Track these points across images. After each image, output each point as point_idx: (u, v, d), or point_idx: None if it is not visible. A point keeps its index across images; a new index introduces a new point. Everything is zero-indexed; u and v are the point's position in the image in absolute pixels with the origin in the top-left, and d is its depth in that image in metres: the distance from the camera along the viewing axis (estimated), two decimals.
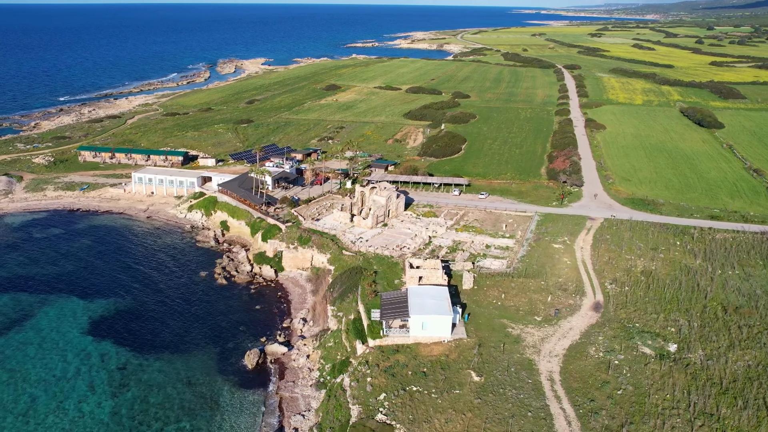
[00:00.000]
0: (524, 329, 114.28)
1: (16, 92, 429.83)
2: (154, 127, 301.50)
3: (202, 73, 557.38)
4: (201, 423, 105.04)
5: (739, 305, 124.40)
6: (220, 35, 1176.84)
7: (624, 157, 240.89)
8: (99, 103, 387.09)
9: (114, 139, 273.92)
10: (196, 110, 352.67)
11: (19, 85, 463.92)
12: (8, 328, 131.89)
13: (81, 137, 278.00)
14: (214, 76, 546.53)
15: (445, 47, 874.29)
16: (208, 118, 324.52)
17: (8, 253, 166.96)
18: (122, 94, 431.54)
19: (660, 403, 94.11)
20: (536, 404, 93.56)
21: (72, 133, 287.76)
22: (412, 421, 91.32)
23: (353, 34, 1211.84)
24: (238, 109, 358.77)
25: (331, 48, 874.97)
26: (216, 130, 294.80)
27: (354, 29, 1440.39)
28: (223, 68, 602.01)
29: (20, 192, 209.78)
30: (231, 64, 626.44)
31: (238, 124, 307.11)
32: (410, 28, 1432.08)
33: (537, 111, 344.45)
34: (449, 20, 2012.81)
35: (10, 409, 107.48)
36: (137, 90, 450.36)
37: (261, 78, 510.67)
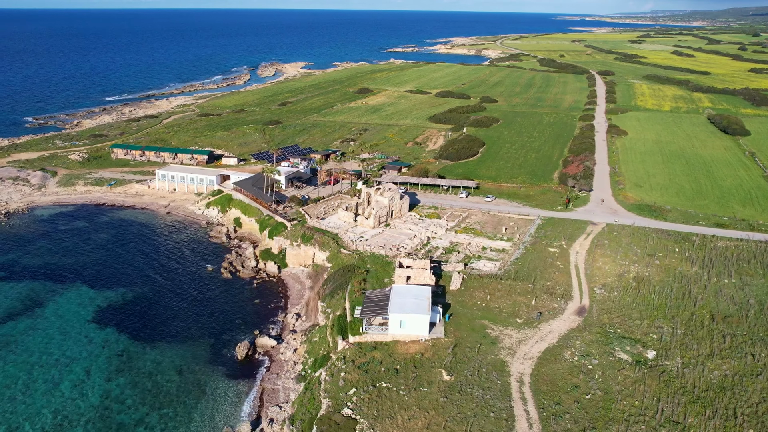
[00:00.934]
0: (504, 331, 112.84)
1: (68, 92, 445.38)
2: (187, 126, 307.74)
3: (242, 75, 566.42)
4: (184, 410, 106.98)
5: (729, 314, 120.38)
6: (267, 40, 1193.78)
7: (640, 163, 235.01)
8: (140, 104, 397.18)
9: (147, 138, 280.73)
10: (230, 111, 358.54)
11: (70, 86, 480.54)
12: (21, 313, 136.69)
13: (117, 135, 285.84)
14: (253, 79, 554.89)
15: (483, 52, 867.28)
16: (239, 119, 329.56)
17: (33, 244, 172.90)
18: (164, 95, 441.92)
19: (627, 409, 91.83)
20: (501, 405, 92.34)
21: (109, 131, 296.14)
22: (375, 417, 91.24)
23: (395, 40, 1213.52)
24: (270, 110, 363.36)
25: (371, 53, 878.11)
26: (244, 130, 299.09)
27: (397, 35, 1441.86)
28: (264, 71, 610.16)
29: (52, 186, 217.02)
30: (271, 68, 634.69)
31: (266, 125, 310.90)
32: (452, 34, 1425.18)
33: (561, 116, 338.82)
34: (492, 26, 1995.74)
35: (11, 387, 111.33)
36: (178, 91, 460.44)
37: (297, 81, 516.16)
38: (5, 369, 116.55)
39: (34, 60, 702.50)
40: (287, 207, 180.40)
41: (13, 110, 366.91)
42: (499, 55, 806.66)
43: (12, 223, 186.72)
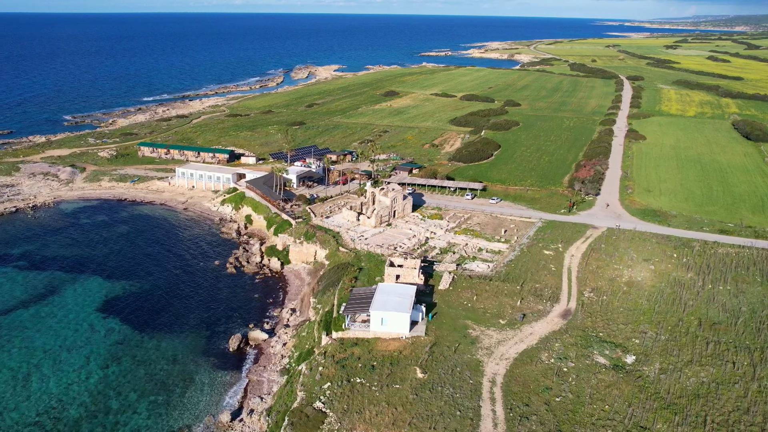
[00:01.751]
0: (485, 331, 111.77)
1: (111, 92, 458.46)
2: (214, 126, 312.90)
3: (276, 78, 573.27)
4: (172, 397, 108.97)
5: (718, 321, 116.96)
6: (306, 43, 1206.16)
7: (653, 168, 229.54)
8: (175, 104, 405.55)
9: (174, 137, 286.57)
10: (258, 112, 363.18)
11: (114, 86, 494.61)
12: (37, 300, 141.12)
13: (146, 134, 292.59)
14: (286, 81, 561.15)
15: (515, 57, 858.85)
16: (265, 120, 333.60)
17: (54, 236, 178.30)
18: (198, 95, 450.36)
19: (596, 413, 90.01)
20: (469, 404, 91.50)
21: (140, 130, 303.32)
22: (344, 411, 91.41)
23: (431, 44, 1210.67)
24: (297, 111, 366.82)
25: (405, 56, 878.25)
26: (268, 131, 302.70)
27: (433, 39, 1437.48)
28: (297, 74, 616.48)
29: (79, 182, 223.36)
30: (305, 70, 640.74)
31: (290, 125, 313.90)
32: (488, 39, 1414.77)
33: (582, 120, 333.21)
34: (529, 31, 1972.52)
35: (15, 370, 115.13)
36: (212, 92, 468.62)
37: (327, 83, 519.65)
38: (13, 352, 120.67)
39: (84, 61, 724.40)
40: (294, 205, 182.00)
41: (57, 108, 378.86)
42: (531, 59, 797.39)
43: (38, 215, 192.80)
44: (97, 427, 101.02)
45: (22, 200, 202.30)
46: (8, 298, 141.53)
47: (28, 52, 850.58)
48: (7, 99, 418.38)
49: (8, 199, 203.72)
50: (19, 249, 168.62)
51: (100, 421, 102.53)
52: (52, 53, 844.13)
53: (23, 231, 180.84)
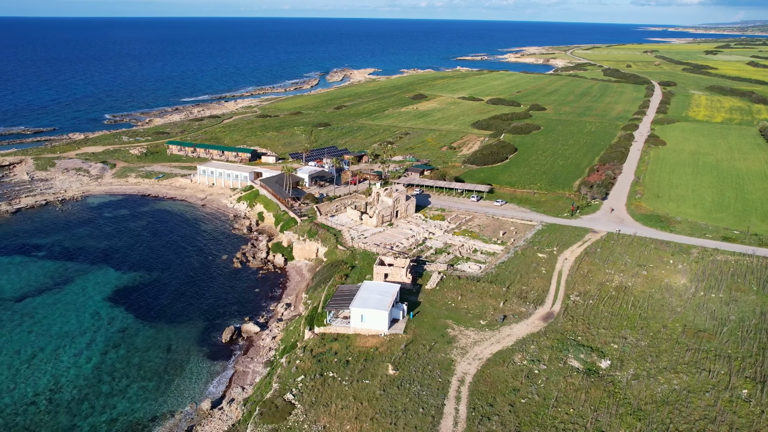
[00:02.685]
0: (463, 331, 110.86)
1: (154, 92, 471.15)
2: (243, 126, 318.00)
3: (311, 80, 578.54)
4: (161, 384, 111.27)
5: (703, 329, 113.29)
6: (347, 47, 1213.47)
7: (668, 174, 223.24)
8: (211, 104, 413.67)
9: (203, 136, 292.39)
10: (287, 113, 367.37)
11: (157, 87, 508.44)
12: (50, 288, 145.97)
13: (177, 133, 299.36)
14: (321, 84, 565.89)
15: (551, 62, 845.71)
16: (292, 121, 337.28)
17: (76, 228, 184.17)
18: (234, 97, 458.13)
19: (559, 416, 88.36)
20: (433, 402, 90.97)
21: (172, 129, 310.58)
22: (312, 403, 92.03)
23: (468, 48, 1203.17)
24: (324, 113, 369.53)
25: (440, 60, 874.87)
26: (293, 131, 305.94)
27: (472, 43, 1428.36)
28: (333, 77, 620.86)
29: (108, 177, 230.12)
30: (341, 73, 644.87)
31: (315, 127, 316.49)
32: (526, 43, 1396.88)
33: (604, 125, 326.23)
34: (569, 36, 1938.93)
35: (20, 353, 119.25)
36: (248, 94, 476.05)
37: (360, 86, 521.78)
38: (21, 336, 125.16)
39: (135, 63, 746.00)
40: (303, 204, 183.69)
41: (101, 108, 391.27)
42: (566, 64, 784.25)
43: (65, 209, 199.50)
44: (86, 409, 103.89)
45: (53, 194, 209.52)
46: (26, 285, 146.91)
47: (84, 54, 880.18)
48: (59, 98, 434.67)
49: (40, 192, 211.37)
50: (43, 239, 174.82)
51: (91, 403, 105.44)
52: (106, 55, 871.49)
53: (49, 223, 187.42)
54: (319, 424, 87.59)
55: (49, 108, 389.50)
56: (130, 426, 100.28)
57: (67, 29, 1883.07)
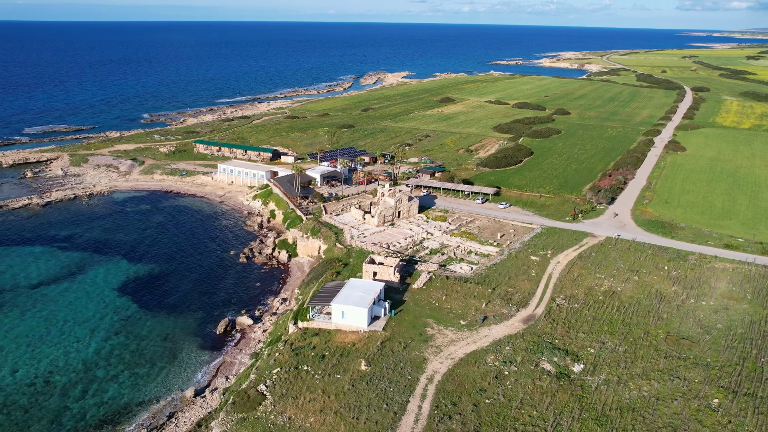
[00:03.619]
0: (442, 331, 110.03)
1: (192, 93, 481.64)
2: (270, 127, 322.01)
3: (344, 83, 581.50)
4: (152, 371, 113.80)
5: (687, 336, 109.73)
6: (386, 50, 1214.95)
7: (681, 180, 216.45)
8: (244, 105, 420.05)
9: (230, 135, 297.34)
10: (315, 115, 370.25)
11: (196, 88, 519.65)
12: (65, 277, 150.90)
13: (207, 133, 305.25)
14: (354, 86, 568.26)
15: (585, 66, 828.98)
16: (318, 122, 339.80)
17: (100, 221, 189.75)
18: (268, 98, 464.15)
19: (521, 418, 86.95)
20: (398, 399, 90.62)
21: (202, 128, 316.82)
22: (282, 395, 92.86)
23: (504, 53, 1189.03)
24: (351, 115, 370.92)
25: (475, 64, 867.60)
26: (317, 132, 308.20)
27: (510, 48, 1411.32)
28: (367, 80, 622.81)
29: (135, 174, 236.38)
30: (374, 76, 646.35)
31: (339, 128, 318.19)
32: (563, 48, 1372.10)
33: (626, 130, 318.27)
34: (609, 41, 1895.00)
35: (28, 337, 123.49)
36: (282, 96, 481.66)
37: (390, 89, 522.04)
38: (30, 321, 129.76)
39: (182, 65, 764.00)
40: (311, 203, 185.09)
41: (142, 107, 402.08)
42: (600, 69, 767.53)
43: (91, 203, 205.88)
44: (79, 392, 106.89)
45: (82, 189, 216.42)
46: (44, 273, 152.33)
47: (136, 56, 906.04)
48: (108, 98, 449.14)
49: (71, 187, 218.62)
50: (67, 231, 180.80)
51: (84, 387, 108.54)
52: (156, 57, 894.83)
53: (75, 215, 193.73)
54: (285, 415, 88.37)
55: (96, 107, 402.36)
56: (117, 410, 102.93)
57: (123, 32, 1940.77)
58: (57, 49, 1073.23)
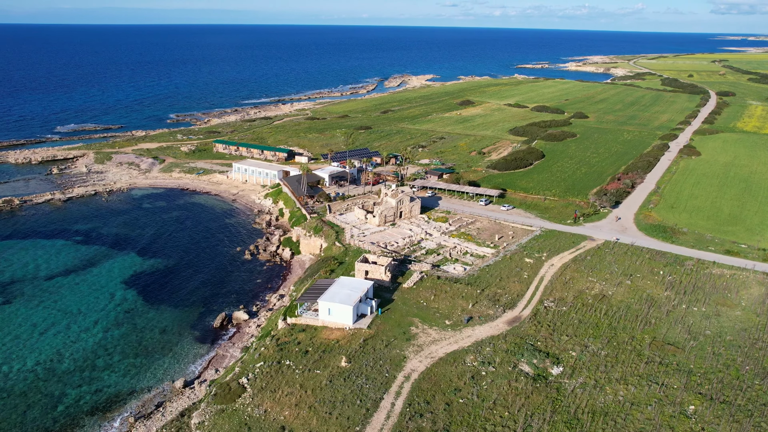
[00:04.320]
0: (426, 330, 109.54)
1: (220, 94, 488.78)
2: (290, 128, 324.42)
3: (368, 86, 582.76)
4: (148, 362, 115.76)
5: (673, 342, 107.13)
6: (414, 54, 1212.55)
7: (691, 185, 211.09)
8: (268, 107, 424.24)
9: (250, 136, 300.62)
10: (335, 116, 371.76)
11: (225, 89, 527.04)
12: (77, 269, 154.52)
13: (228, 133, 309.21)
14: (378, 89, 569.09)
15: (611, 70, 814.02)
16: (337, 124, 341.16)
17: (115, 217, 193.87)
18: (292, 99, 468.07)
19: (492, 418, 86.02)
20: (373, 396, 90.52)
21: (224, 129, 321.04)
22: (261, 388, 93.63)
23: (531, 56, 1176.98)
24: (370, 117, 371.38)
25: (500, 68, 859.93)
26: (334, 133, 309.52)
27: (538, 52, 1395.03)
28: (391, 82, 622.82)
29: (155, 171, 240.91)
30: (399, 79, 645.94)
31: (356, 129, 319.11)
32: (591, 52, 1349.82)
33: (642, 135, 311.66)
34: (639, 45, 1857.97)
35: (38, 326, 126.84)
36: (306, 97, 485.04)
37: (412, 92, 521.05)
38: (41, 311, 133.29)
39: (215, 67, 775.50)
40: (317, 202, 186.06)
41: (170, 107, 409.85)
42: (626, 73, 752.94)
43: (110, 199, 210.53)
44: (77, 380, 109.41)
45: (103, 185, 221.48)
46: (58, 266, 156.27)
47: (170, 58, 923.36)
48: (139, 97, 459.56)
49: (93, 183, 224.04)
50: (84, 226, 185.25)
51: (82, 375, 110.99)
52: (190, 59, 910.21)
53: (93, 211, 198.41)
54: (262, 408, 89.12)
55: (129, 107, 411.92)
56: (110, 398, 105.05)
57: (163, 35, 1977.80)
58: (98, 51, 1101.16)
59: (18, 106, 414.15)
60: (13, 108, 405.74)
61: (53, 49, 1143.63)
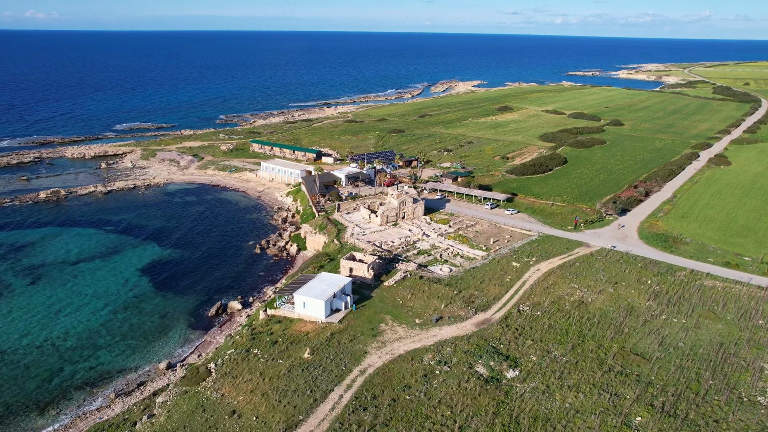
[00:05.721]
0: (394, 327, 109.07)
1: (273, 97, 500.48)
2: (326, 130, 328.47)
3: (414, 90, 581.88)
4: (142, 344, 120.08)
5: (642, 352, 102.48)
6: (468, 60, 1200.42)
7: (710, 195, 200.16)
8: (312, 109, 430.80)
9: (287, 137, 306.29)
10: (373, 120, 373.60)
11: (277, 92, 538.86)
12: (101, 256, 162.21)
13: (268, 133, 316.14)
14: (424, 93, 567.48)
15: (663, 78, 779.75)
16: (373, 126, 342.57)
17: (147, 209, 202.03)
18: (338, 102, 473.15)
19: (432, 416, 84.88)
20: (324, 387, 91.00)
21: (264, 130, 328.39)
22: (225, 373, 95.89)
23: (584, 63, 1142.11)
24: (407, 121, 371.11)
25: (550, 75, 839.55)
26: (367, 136, 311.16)
27: (590, 59, 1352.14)
28: (437, 87, 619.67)
29: (192, 168, 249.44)
30: (445, 84, 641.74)
31: (389, 132, 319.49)
32: (648, 60, 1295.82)
33: (675, 143, 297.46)
34: (702, 53, 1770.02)
35: (54, 305, 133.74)
36: (351, 101, 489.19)
37: (455, 97, 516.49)
38: (60, 293, 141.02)
39: (275, 71, 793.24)
40: (328, 201, 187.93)
41: (222, 109, 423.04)
42: (678, 81, 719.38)
43: (147, 193, 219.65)
44: (77, 357, 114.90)
45: (143, 180, 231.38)
46: (85, 252, 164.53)
47: (235, 62, 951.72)
48: (198, 99, 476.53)
49: (134, 178, 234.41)
50: (117, 216, 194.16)
51: (82, 353, 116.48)
52: (252, 64, 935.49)
53: (129, 203, 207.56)
54: (220, 392, 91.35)
55: (186, 108, 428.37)
56: (100, 375, 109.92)
57: (232, 40, 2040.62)
58: (173, 55, 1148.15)
59: (92, 104, 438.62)
60: (85, 106, 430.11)
61: (134, 54, 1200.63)
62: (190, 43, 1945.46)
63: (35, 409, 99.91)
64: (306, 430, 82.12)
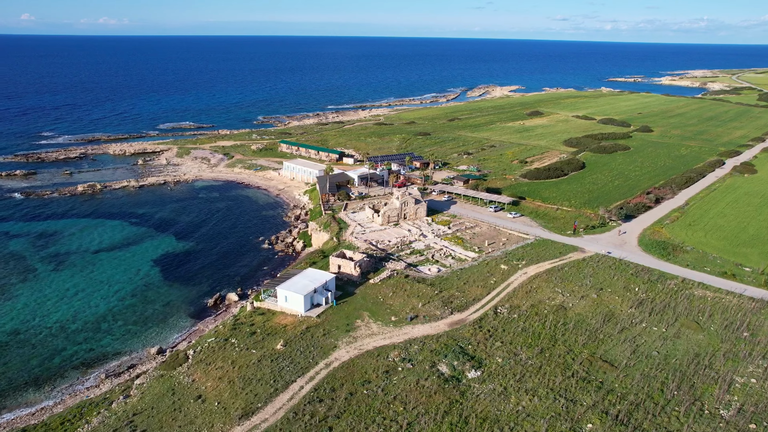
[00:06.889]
0: (369, 324, 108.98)
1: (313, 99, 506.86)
2: (354, 132, 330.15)
3: (451, 94, 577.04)
4: (142, 330, 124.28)
5: (611, 359, 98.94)
6: (510, 65, 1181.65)
7: (725, 203, 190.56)
8: (346, 112, 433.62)
9: (315, 138, 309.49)
10: (402, 122, 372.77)
11: (318, 95, 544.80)
12: (120, 246, 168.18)
13: (298, 134, 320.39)
14: (460, 97, 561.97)
15: (708, 85, 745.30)
16: (400, 129, 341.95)
17: (172, 204, 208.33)
18: (373, 105, 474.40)
19: (384, 411, 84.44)
20: (287, 378, 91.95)
21: (296, 131, 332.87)
22: (200, 360, 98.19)
23: (627, 70, 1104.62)
24: (435, 124, 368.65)
25: (591, 81, 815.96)
26: (392, 138, 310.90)
27: (635, 65, 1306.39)
28: (474, 92, 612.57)
29: (221, 166, 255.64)
30: (482, 89, 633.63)
31: (415, 135, 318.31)
32: (696, 66, 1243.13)
33: (701, 150, 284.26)
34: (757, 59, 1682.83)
35: (69, 290, 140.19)
36: (386, 104, 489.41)
37: (489, 101, 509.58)
38: (77, 278, 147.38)
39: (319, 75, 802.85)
40: (337, 200, 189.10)
41: (262, 110, 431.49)
42: (722, 87, 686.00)
43: (175, 189, 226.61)
44: (80, 338, 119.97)
45: (174, 176, 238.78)
46: (108, 242, 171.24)
47: (282, 66, 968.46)
48: (239, 100, 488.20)
49: (166, 174, 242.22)
50: (144, 209, 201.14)
51: (85, 335, 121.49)
52: (298, 68, 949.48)
53: (157, 198, 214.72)
54: (191, 377, 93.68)
55: (228, 108, 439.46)
56: (96, 356, 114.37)
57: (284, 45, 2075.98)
58: (227, 59, 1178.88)
59: (146, 105, 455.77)
60: (139, 106, 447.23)
61: (193, 57, 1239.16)
62: (245, 47, 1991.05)
63: (33, 385, 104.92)
64: (261, 417, 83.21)
